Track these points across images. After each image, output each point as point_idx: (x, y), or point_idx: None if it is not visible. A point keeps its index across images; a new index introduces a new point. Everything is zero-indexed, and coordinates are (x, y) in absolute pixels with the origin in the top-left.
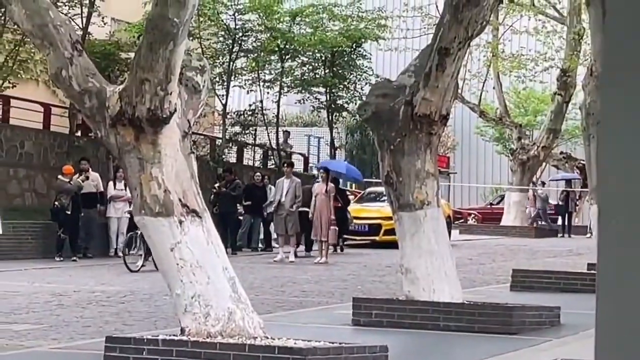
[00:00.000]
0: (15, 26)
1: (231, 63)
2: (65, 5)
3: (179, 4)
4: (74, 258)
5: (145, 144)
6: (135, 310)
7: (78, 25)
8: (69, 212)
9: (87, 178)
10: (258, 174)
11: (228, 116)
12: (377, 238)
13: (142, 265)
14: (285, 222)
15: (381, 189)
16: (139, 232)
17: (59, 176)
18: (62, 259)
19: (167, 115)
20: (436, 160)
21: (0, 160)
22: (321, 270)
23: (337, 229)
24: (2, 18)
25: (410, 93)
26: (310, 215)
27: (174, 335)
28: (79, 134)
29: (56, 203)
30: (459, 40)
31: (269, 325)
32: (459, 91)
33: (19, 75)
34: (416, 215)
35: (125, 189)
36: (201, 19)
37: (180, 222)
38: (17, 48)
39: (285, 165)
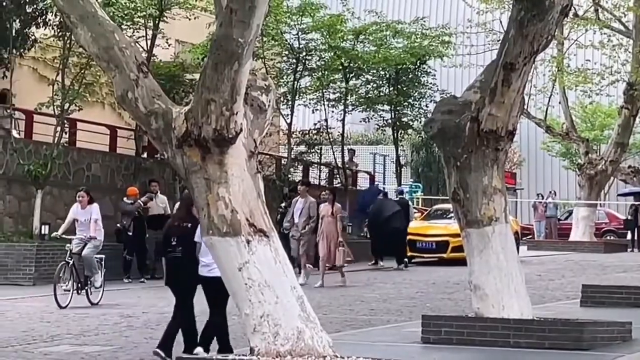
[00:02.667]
0: (81, 49)
1: (295, 82)
2: (130, 28)
3: (243, 25)
4: (142, 279)
5: (212, 164)
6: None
7: (143, 47)
8: (130, 233)
9: (151, 199)
10: (324, 192)
11: (293, 135)
12: (444, 255)
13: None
14: (298, 244)
15: (448, 205)
16: (71, 261)
17: (124, 198)
18: (130, 280)
19: (233, 135)
20: (503, 176)
21: (68, 183)
22: (389, 289)
23: (346, 250)
24: (68, 42)
25: (476, 109)
26: (317, 239)
27: (243, 355)
28: (145, 155)
29: (118, 225)
30: (524, 55)
31: (338, 344)
32: (525, 107)
33: (84, 99)
34: (484, 232)
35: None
36: (265, 39)
37: (248, 241)
38: (82, 71)
39: (300, 184)
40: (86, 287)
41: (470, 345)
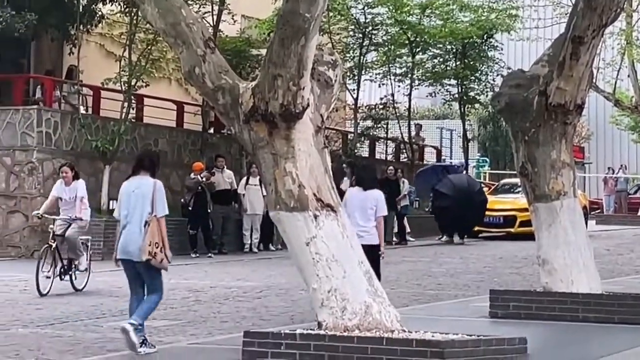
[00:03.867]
0: (148, 25)
1: (361, 57)
2: (196, 4)
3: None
4: (209, 254)
5: (279, 139)
6: (272, 305)
7: (209, 23)
8: (190, 208)
9: (212, 175)
10: (391, 167)
11: (359, 110)
12: (512, 230)
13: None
14: None
15: (515, 180)
16: (54, 244)
17: (191, 173)
18: (197, 255)
19: (300, 110)
20: (572, 150)
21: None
22: (456, 263)
23: None
24: (135, 18)
25: (544, 83)
26: None
27: (311, 329)
28: (211, 131)
29: (182, 200)
30: (593, 28)
31: (406, 319)
32: (593, 80)
33: (151, 74)
34: (552, 206)
35: (260, 185)
36: (331, 14)
37: (315, 216)
38: (149, 47)
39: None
40: (70, 272)
41: (538, 320)
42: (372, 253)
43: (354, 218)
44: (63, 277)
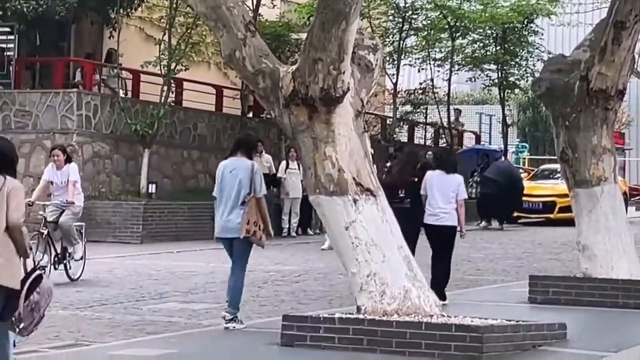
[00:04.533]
0: (187, 9)
1: (401, 42)
2: None
3: None
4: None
5: (319, 123)
6: (310, 289)
7: (249, 7)
8: None
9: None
10: (429, 152)
11: (399, 95)
12: (551, 215)
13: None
14: None
15: (555, 166)
16: (45, 232)
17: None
18: None
19: (340, 95)
20: (612, 136)
21: (174, 142)
22: (495, 249)
23: None
24: (175, 1)
25: (585, 68)
26: None
27: (349, 313)
28: (250, 115)
29: None
30: (635, 13)
31: (445, 304)
32: (635, 65)
33: (191, 58)
34: (593, 192)
35: (299, 169)
36: None
37: (355, 200)
38: (189, 31)
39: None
40: (65, 261)
41: (578, 306)
42: (448, 234)
43: (435, 200)
44: (57, 266)
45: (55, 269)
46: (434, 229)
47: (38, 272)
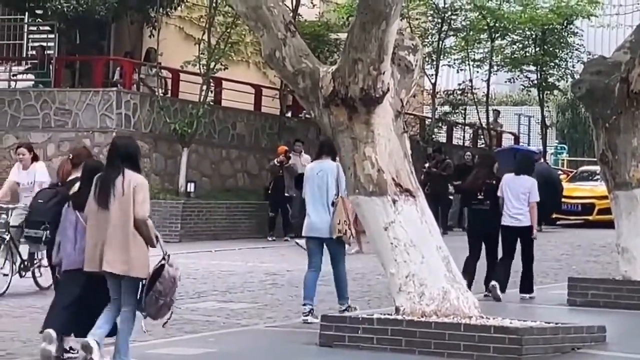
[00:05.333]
0: (227, 9)
1: (440, 42)
2: None
3: None
4: (286, 238)
5: (359, 123)
6: (348, 289)
7: (288, 7)
8: (270, 192)
9: (289, 159)
10: (468, 153)
11: (437, 95)
12: (590, 217)
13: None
14: None
15: (594, 167)
16: (8, 237)
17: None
18: (274, 238)
19: (380, 95)
20: None
21: (213, 141)
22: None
23: None
24: (214, 1)
25: (625, 70)
26: None
27: (388, 314)
28: (289, 114)
29: (267, 183)
30: None
31: (483, 305)
32: None
33: (230, 58)
34: (633, 194)
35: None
36: None
37: (394, 201)
38: (228, 31)
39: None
40: (32, 268)
41: (617, 309)
42: (525, 235)
43: (510, 202)
44: (24, 273)
45: (21, 276)
46: (510, 230)
47: (161, 262)
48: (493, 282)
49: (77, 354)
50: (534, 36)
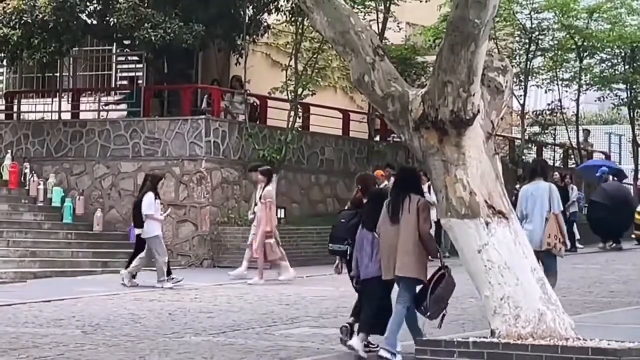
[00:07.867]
0: (313, 34)
1: (528, 62)
2: (361, 12)
3: (479, 5)
4: None
5: (449, 146)
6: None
7: (374, 31)
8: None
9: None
10: (556, 173)
11: (526, 116)
12: None
13: None
14: None
15: None
16: None
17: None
18: None
19: (470, 117)
20: None
21: (302, 167)
22: (629, 270)
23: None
24: (300, 27)
25: None
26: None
27: (483, 337)
28: (377, 138)
29: None
30: None
31: (579, 326)
32: None
33: (317, 83)
34: None
35: (429, 192)
36: (497, 19)
37: (487, 223)
38: (315, 56)
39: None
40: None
41: None
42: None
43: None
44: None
45: None
46: None
47: (442, 271)
48: None
49: (377, 347)
50: (623, 54)
